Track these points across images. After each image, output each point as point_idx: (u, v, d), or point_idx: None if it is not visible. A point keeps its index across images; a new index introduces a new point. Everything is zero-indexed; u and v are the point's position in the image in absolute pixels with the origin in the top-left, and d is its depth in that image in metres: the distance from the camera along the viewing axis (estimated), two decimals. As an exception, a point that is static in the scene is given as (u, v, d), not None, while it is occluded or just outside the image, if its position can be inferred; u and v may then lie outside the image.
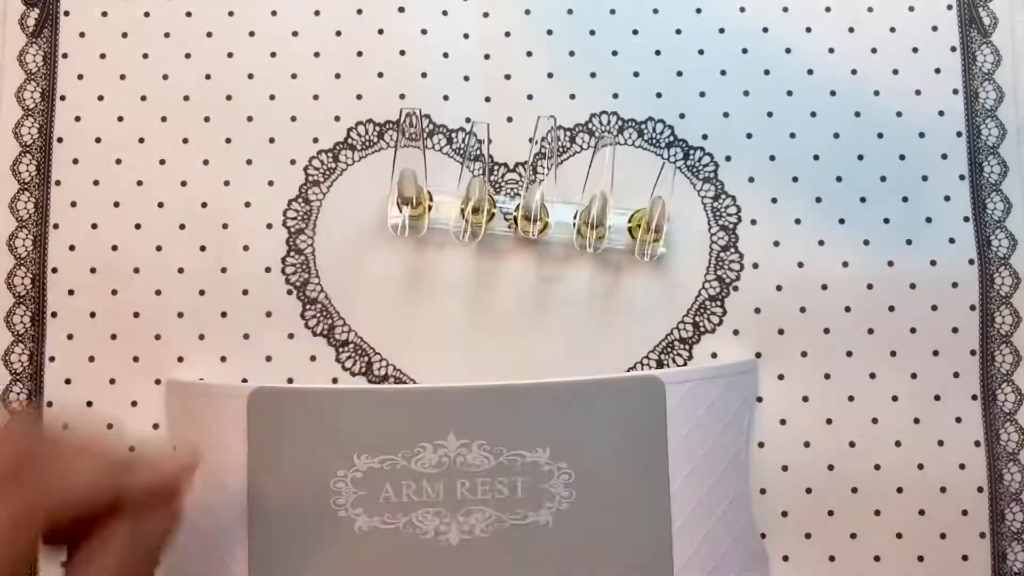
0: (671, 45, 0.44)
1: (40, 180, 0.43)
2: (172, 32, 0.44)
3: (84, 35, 0.44)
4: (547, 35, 0.44)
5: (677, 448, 0.39)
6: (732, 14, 0.44)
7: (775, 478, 0.41)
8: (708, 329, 0.42)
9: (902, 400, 0.42)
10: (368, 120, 0.43)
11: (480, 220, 0.39)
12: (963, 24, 0.44)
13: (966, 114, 0.43)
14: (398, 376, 0.41)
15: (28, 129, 0.43)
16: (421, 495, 0.39)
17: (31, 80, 0.43)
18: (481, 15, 0.44)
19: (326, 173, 0.43)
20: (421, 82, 0.43)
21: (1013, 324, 0.42)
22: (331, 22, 0.44)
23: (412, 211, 0.40)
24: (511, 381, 0.40)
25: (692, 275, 0.42)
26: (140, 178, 0.43)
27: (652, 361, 0.42)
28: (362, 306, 0.42)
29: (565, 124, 0.43)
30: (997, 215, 0.43)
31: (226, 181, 0.43)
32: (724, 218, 0.43)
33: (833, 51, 0.44)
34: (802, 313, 0.42)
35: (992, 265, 0.42)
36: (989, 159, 0.43)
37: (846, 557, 0.40)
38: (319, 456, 0.39)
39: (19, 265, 0.42)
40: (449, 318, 0.42)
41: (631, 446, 0.39)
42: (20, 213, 0.42)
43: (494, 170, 0.43)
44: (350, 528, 0.39)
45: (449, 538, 0.39)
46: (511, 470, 0.39)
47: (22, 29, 0.43)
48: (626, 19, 0.44)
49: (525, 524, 0.39)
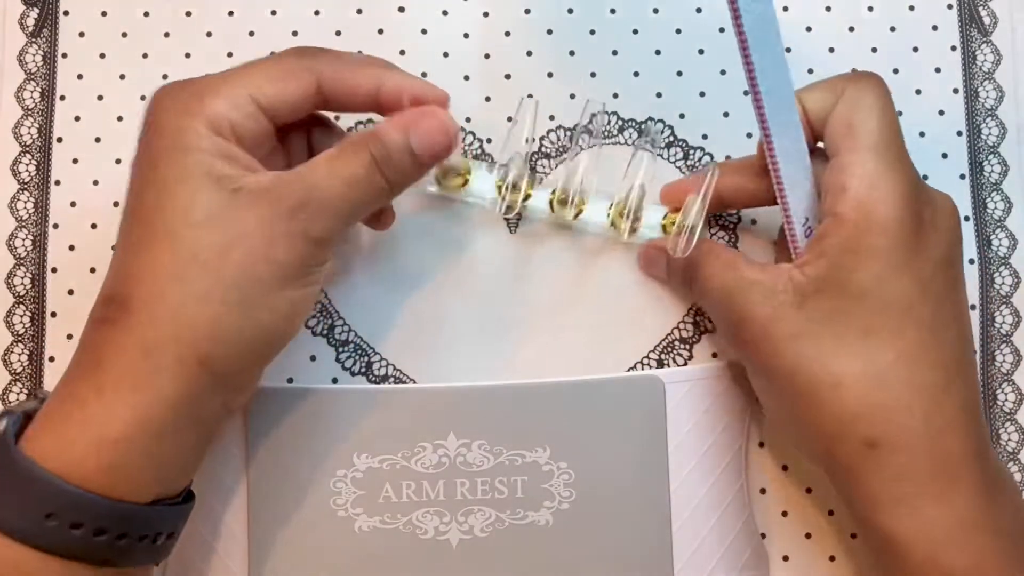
0: (671, 45, 0.43)
1: (40, 180, 0.43)
2: (172, 32, 0.44)
3: (84, 35, 0.43)
4: (547, 35, 0.44)
5: (677, 448, 0.39)
6: (732, 14, 0.44)
7: (775, 478, 0.41)
8: (708, 329, 0.42)
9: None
10: (368, 120, 0.43)
11: (517, 197, 0.38)
12: (963, 23, 0.44)
13: (966, 113, 0.43)
14: (398, 376, 0.41)
15: (28, 129, 0.43)
16: (421, 495, 0.39)
17: (31, 80, 0.43)
18: (481, 15, 0.44)
19: (326, 173, 0.43)
20: (421, 82, 0.43)
21: (1013, 324, 0.42)
22: (331, 22, 0.44)
23: (451, 181, 0.40)
24: (511, 381, 0.40)
25: (692, 275, 0.42)
26: (140, 178, 0.42)
27: (652, 361, 0.42)
28: (362, 306, 0.42)
29: (565, 124, 0.43)
30: (997, 215, 0.43)
31: (226, 181, 0.43)
32: (724, 218, 0.43)
33: (833, 51, 0.44)
34: (802, 313, 0.42)
35: (992, 265, 0.42)
36: (989, 158, 0.43)
37: (846, 557, 0.40)
38: (319, 456, 0.39)
39: (19, 265, 0.42)
40: (450, 318, 0.42)
41: (631, 446, 0.39)
42: (20, 213, 0.42)
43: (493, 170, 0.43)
44: (350, 528, 0.39)
45: (449, 538, 0.39)
46: (511, 470, 0.39)
47: (22, 29, 0.43)
48: (626, 19, 0.44)
49: (525, 524, 0.39)
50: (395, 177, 0.34)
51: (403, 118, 0.34)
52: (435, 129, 0.34)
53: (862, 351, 0.32)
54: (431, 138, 0.34)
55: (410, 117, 0.34)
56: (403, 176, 0.34)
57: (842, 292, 0.33)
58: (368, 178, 0.33)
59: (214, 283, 0.31)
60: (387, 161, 0.33)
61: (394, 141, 0.33)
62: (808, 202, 0.35)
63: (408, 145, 0.33)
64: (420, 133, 0.33)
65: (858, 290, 0.33)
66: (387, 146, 0.33)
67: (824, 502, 0.41)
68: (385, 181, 0.34)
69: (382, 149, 0.33)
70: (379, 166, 0.33)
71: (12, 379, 0.41)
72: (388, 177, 0.34)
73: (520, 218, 0.42)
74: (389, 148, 0.33)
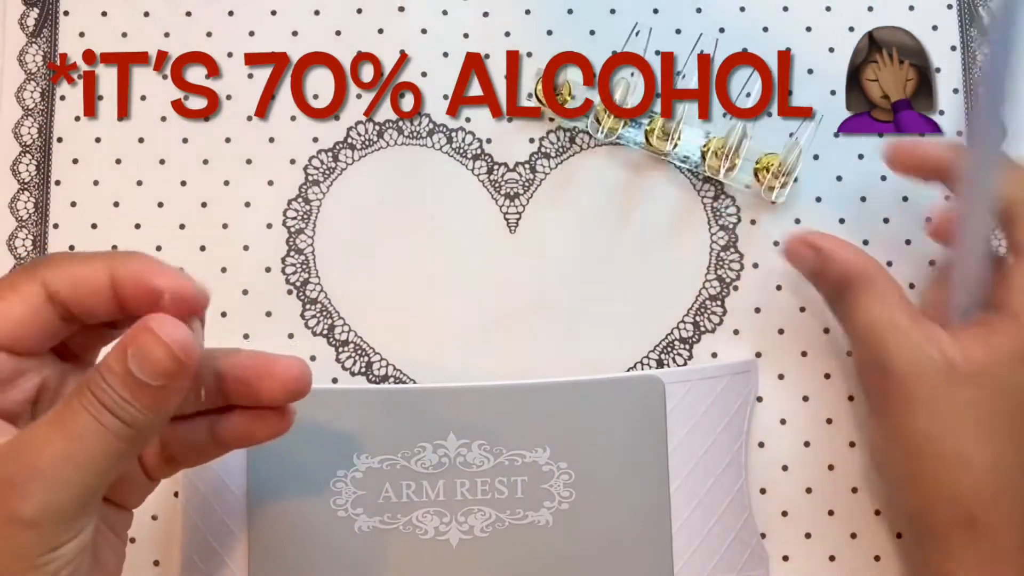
0: (671, 45, 0.43)
1: (40, 180, 0.43)
2: (172, 32, 0.44)
3: (84, 35, 0.43)
4: (547, 35, 0.44)
5: (677, 448, 0.39)
6: (733, 13, 0.44)
7: (775, 478, 0.41)
8: (708, 329, 0.42)
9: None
10: (368, 119, 0.43)
11: (616, 124, 0.39)
12: (963, 23, 0.44)
13: (967, 113, 0.43)
14: (398, 376, 0.41)
15: (28, 129, 0.43)
16: (421, 495, 0.39)
17: (31, 80, 0.43)
18: (481, 15, 0.44)
19: (326, 173, 0.43)
20: (421, 81, 0.43)
21: (1013, 324, 0.42)
22: (331, 22, 0.44)
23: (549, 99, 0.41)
24: (511, 381, 0.40)
25: (692, 275, 0.42)
26: (140, 178, 0.43)
27: (652, 361, 0.42)
28: (362, 306, 0.42)
29: (564, 125, 0.43)
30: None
31: (226, 181, 0.43)
32: (724, 218, 0.43)
33: (833, 51, 0.44)
34: (802, 313, 0.42)
35: (992, 265, 0.42)
36: (989, 159, 0.43)
37: (846, 557, 0.40)
38: (319, 456, 0.39)
39: (19, 265, 0.42)
40: (450, 318, 0.42)
41: (631, 446, 0.39)
42: (20, 213, 0.42)
43: (493, 169, 0.43)
44: (350, 528, 0.39)
45: (449, 538, 0.39)
46: (511, 470, 0.39)
47: (22, 29, 0.43)
48: (626, 19, 0.44)
49: (525, 524, 0.39)
50: (128, 415, 0.26)
51: (123, 339, 0.27)
52: (150, 343, 0.26)
53: (999, 443, 0.34)
54: (149, 354, 0.26)
55: (129, 336, 0.27)
56: (142, 413, 0.26)
57: (997, 389, 0.34)
58: (98, 427, 0.26)
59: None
60: (112, 396, 0.26)
61: (111, 369, 0.26)
62: (976, 273, 0.35)
63: (128, 372, 0.26)
64: (140, 353, 0.26)
65: (1014, 393, 0.34)
66: (107, 378, 0.26)
67: (824, 502, 0.41)
68: (120, 424, 0.26)
69: (102, 384, 0.26)
70: (106, 405, 0.26)
71: (12, 379, 0.41)
72: (121, 416, 0.26)
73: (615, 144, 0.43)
74: (110, 380, 0.26)
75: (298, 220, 0.42)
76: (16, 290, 0.28)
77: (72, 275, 0.28)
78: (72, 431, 0.26)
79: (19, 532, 0.25)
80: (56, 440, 0.26)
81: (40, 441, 0.26)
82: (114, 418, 0.26)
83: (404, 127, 0.43)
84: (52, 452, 0.25)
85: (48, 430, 0.26)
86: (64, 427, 0.26)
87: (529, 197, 0.43)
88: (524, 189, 0.43)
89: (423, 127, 0.43)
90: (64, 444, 0.26)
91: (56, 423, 0.26)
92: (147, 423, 0.27)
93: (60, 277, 0.28)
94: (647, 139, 0.42)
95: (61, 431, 0.26)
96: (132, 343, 0.26)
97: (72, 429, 0.26)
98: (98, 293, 0.28)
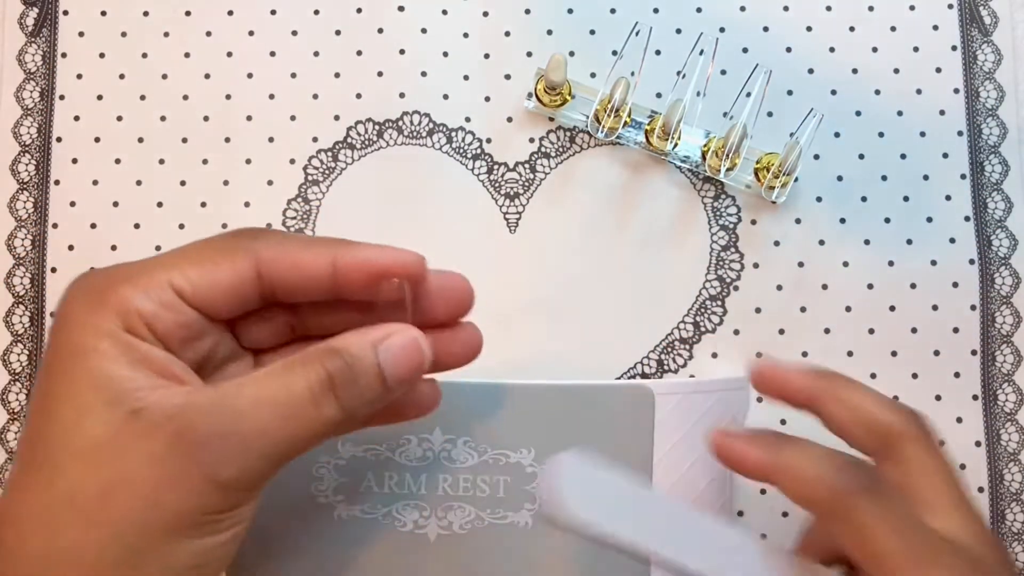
0: (671, 45, 0.43)
1: (39, 180, 0.43)
2: (172, 32, 0.43)
3: (83, 34, 0.43)
4: (547, 35, 0.44)
5: (661, 460, 0.39)
6: (733, 13, 0.44)
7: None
8: (708, 329, 0.42)
9: (903, 400, 0.41)
10: (368, 119, 0.43)
11: (616, 123, 0.39)
12: (964, 23, 0.44)
13: (967, 113, 0.43)
14: (398, 376, 0.41)
15: (27, 129, 0.43)
16: (403, 487, 0.39)
17: (30, 79, 0.43)
18: (481, 15, 0.44)
19: (325, 172, 0.43)
20: (421, 81, 0.43)
21: (1014, 324, 0.42)
22: (331, 21, 0.44)
23: (550, 98, 0.40)
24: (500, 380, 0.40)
25: (692, 275, 0.42)
26: (140, 178, 0.42)
27: (652, 361, 0.42)
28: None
29: (565, 125, 0.43)
30: (998, 215, 0.43)
31: (225, 181, 0.43)
32: (724, 218, 0.43)
33: (834, 50, 0.44)
34: (802, 313, 0.42)
35: (993, 265, 0.42)
36: (990, 158, 0.43)
37: (846, 557, 0.40)
38: None
39: (18, 265, 0.42)
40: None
41: (616, 454, 0.39)
42: (19, 213, 0.42)
43: (493, 169, 0.43)
44: (329, 515, 0.38)
45: (427, 532, 0.39)
46: (494, 469, 0.39)
47: (21, 29, 0.43)
48: (626, 19, 0.44)
49: (504, 524, 0.39)
50: (354, 404, 0.27)
51: (369, 332, 0.27)
52: (409, 346, 0.27)
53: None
54: (406, 357, 0.27)
55: (378, 332, 0.27)
56: (364, 404, 0.27)
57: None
58: (313, 406, 0.26)
59: (88, 535, 0.25)
60: (348, 383, 0.27)
61: (360, 358, 0.27)
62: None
63: (377, 364, 0.27)
64: (393, 350, 0.27)
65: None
66: (350, 364, 0.27)
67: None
68: (339, 409, 0.27)
69: (343, 367, 0.27)
70: (335, 389, 0.26)
71: (11, 379, 0.41)
72: (345, 404, 0.27)
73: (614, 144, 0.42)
74: (353, 366, 0.27)
75: (298, 220, 0.42)
76: (231, 260, 0.28)
77: (294, 261, 0.28)
78: (287, 408, 0.26)
79: (212, 492, 0.26)
80: (266, 412, 0.26)
81: (252, 405, 0.26)
82: (335, 403, 0.26)
83: (404, 127, 0.43)
84: (262, 423, 0.26)
85: (258, 397, 0.26)
86: (277, 398, 0.26)
87: (529, 197, 0.43)
88: (524, 189, 0.43)
89: (423, 127, 0.43)
90: (274, 418, 0.26)
91: (269, 390, 0.26)
92: (355, 420, 0.28)
93: (280, 261, 0.28)
94: (647, 139, 0.42)
95: (275, 403, 0.26)
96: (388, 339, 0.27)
97: (287, 403, 0.26)
98: (316, 280, 0.28)
